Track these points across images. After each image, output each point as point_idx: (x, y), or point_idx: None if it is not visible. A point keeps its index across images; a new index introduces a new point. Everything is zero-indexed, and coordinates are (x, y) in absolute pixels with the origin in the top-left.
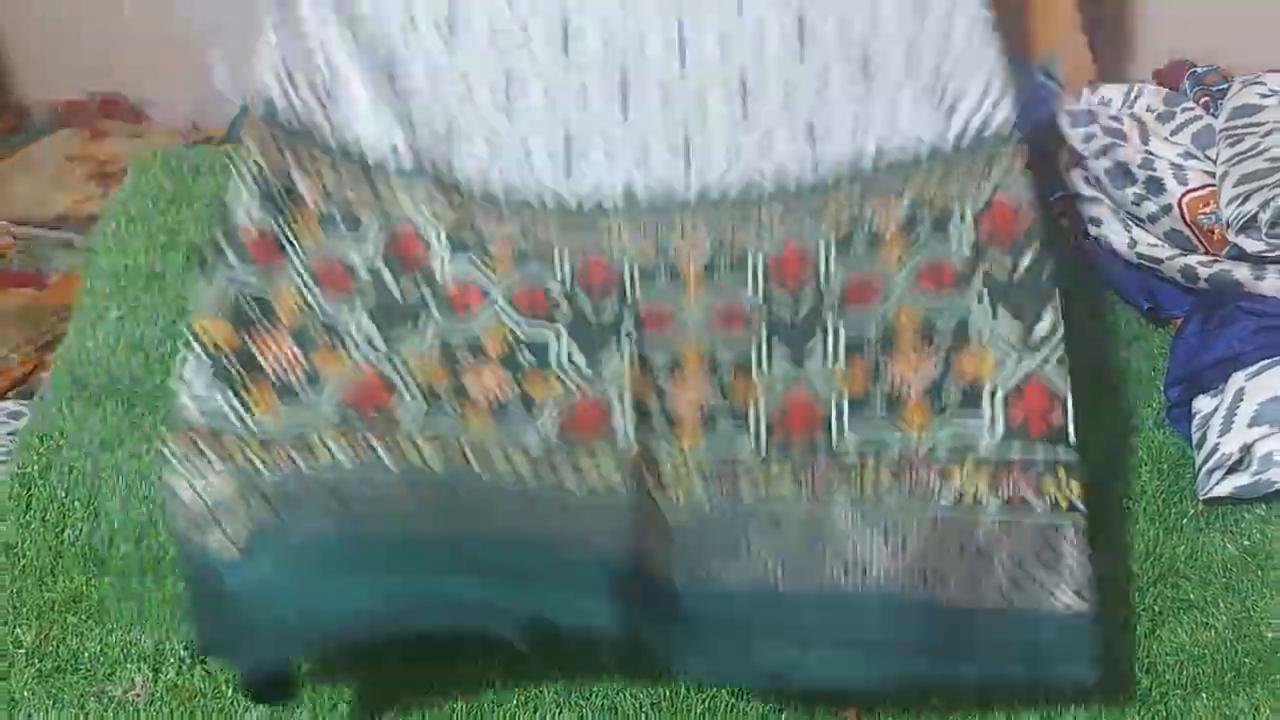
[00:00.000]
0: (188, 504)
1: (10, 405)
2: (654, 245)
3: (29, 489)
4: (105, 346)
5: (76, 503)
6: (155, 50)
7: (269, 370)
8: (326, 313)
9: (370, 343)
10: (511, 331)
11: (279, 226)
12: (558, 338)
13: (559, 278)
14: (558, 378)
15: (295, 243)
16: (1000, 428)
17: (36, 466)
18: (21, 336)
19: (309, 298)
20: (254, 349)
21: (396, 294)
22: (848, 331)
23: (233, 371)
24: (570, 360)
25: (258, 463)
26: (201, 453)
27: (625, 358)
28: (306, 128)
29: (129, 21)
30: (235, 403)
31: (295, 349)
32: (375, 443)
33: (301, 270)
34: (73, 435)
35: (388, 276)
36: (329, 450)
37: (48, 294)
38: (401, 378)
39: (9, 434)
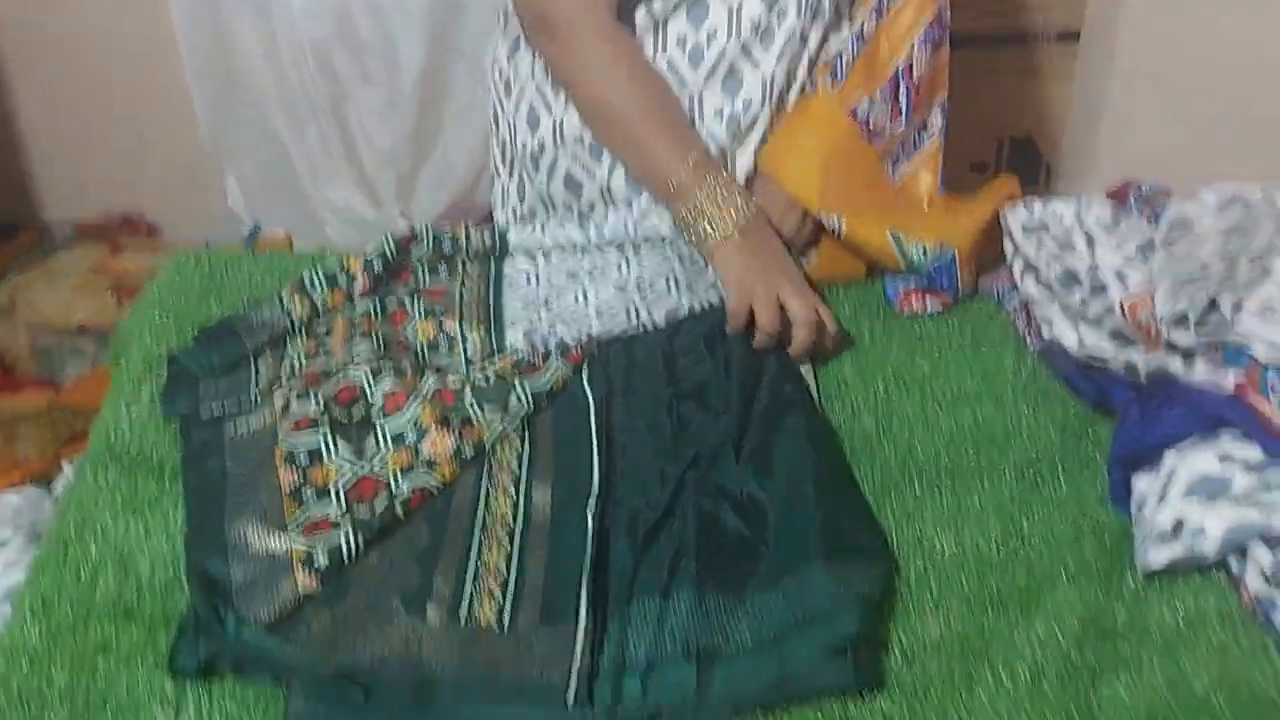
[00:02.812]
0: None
1: (31, 491)
2: None
3: (65, 549)
4: (138, 422)
5: (108, 562)
6: (171, 172)
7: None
8: (303, 449)
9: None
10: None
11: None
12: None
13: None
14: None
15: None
16: None
17: (73, 528)
18: (41, 436)
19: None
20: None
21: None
22: None
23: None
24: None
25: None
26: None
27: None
28: None
29: (147, 144)
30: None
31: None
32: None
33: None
34: (106, 502)
35: (336, 411)
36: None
37: (64, 396)
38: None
39: (32, 519)
